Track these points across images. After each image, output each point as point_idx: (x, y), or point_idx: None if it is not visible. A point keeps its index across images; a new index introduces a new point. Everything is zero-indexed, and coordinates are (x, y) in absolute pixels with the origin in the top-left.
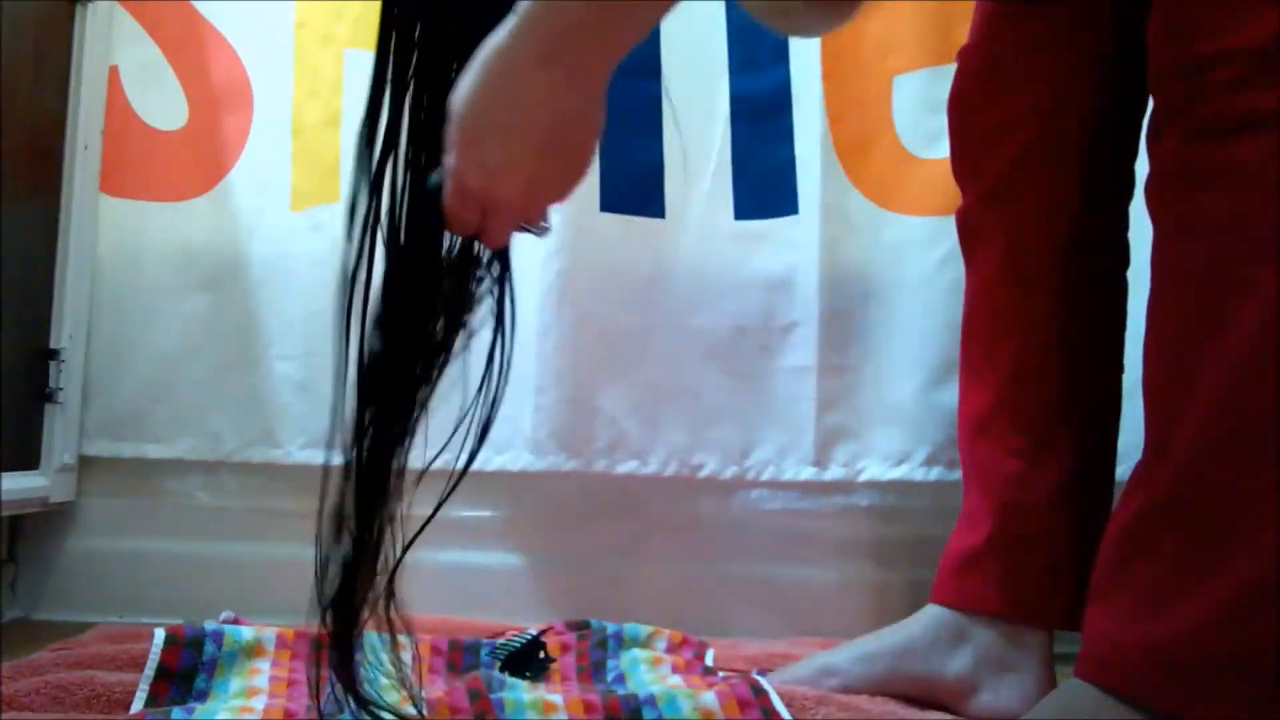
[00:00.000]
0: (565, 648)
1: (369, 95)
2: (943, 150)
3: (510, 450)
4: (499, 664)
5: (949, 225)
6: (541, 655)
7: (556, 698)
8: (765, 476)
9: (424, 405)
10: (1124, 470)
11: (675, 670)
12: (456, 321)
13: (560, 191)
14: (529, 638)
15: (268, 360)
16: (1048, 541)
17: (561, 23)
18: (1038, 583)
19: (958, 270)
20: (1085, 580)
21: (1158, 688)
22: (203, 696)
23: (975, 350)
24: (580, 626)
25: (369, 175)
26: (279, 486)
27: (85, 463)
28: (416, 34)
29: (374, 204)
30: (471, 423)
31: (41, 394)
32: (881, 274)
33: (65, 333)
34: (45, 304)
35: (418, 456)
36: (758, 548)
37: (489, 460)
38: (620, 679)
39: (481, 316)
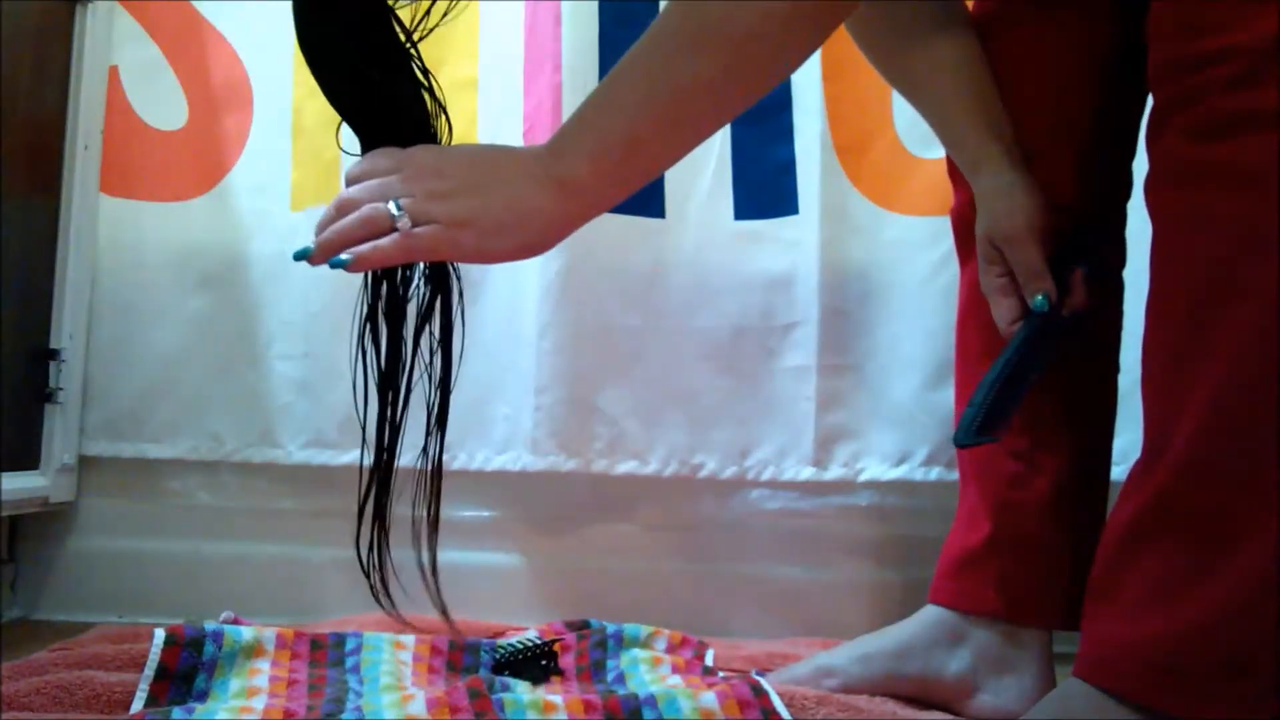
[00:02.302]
0: (565, 648)
1: None
2: (942, 150)
3: (510, 450)
4: (498, 664)
5: (949, 225)
6: (545, 663)
7: (556, 698)
8: (765, 476)
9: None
10: (1121, 470)
11: (675, 670)
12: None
13: (490, 260)
14: (535, 641)
15: (268, 360)
16: (1046, 541)
17: (597, 180)
18: (1036, 583)
19: (957, 270)
20: (1084, 580)
21: (1156, 688)
22: (203, 696)
23: (972, 350)
24: (580, 626)
25: None
26: (279, 486)
27: (85, 463)
28: None
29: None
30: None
31: (41, 394)
32: (881, 274)
33: (65, 333)
34: (45, 304)
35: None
36: (758, 548)
37: (489, 460)
38: (620, 679)
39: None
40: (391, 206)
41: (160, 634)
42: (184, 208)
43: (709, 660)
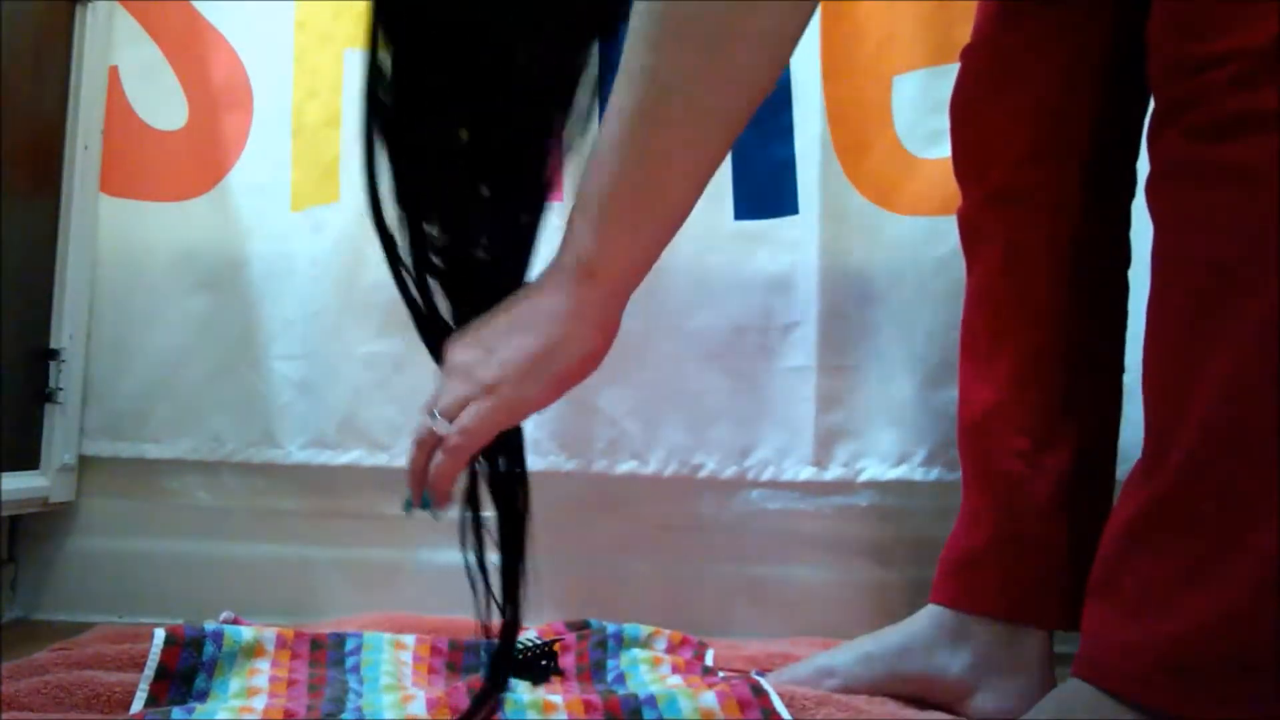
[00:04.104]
0: (565, 648)
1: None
2: (943, 150)
3: None
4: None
5: (949, 225)
6: (545, 663)
7: (556, 698)
8: (765, 476)
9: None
10: (1124, 470)
11: (675, 670)
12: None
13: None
14: (535, 641)
15: (268, 360)
16: (1048, 542)
17: (605, 283)
18: (1038, 583)
19: (958, 270)
20: (1085, 581)
21: (1156, 688)
22: (203, 696)
23: (976, 350)
24: (580, 626)
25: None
26: (279, 486)
27: (85, 463)
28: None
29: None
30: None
31: (41, 394)
32: (881, 274)
33: (65, 333)
34: (45, 304)
35: None
36: (758, 548)
37: None
38: (620, 679)
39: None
40: (427, 418)
41: (160, 634)
42: (184, 208)
43: (709, 660)
